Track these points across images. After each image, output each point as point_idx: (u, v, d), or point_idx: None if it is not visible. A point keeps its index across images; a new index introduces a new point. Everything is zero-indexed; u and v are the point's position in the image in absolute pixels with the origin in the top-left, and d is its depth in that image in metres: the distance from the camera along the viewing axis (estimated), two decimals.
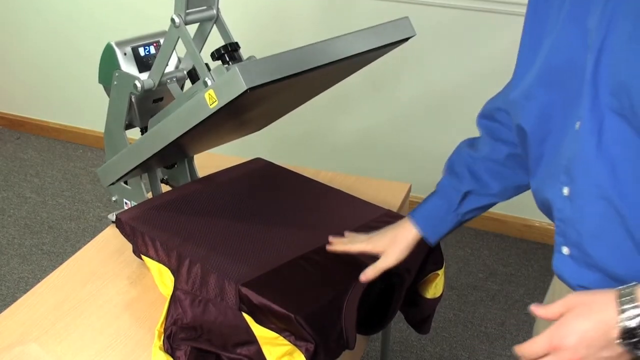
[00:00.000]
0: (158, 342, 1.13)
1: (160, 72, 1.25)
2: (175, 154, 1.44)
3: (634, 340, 0.70)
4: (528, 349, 0.76)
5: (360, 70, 1.37)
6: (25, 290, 1.29)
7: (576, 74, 0.82)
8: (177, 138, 1.16)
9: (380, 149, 2.75)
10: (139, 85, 1.25)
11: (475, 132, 1.24)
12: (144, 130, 1.37)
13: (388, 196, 1.54)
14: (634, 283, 0.73)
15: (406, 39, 1.28)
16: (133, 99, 1.30)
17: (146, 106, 1.34)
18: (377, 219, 1.30)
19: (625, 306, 0.71)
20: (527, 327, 2.19)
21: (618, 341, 0.71)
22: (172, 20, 1.18)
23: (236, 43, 1.24)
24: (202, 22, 1.27)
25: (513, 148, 1.09)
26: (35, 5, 3.15)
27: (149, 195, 1.45)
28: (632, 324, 0.70)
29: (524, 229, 2.69)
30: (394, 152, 2.73)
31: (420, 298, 1.35)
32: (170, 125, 1.16)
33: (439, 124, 2.63)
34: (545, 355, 0.75)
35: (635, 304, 0.70)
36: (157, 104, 1.36)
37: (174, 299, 1.17)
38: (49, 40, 3.20)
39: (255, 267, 1.14)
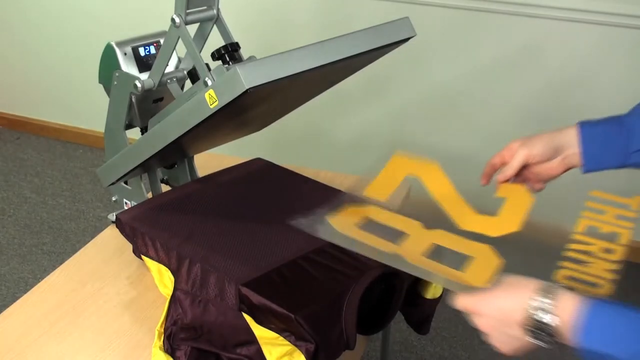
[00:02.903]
0: (158, 342, 1.13)
1: (160, 72, 1.25)
2: (175, 154, 1.44)
3: (533, 329, 0.77)
4: (461, 301, 0.85)
5: (360, 70, 1.37)
6: (25, 290, 1.29)
7: None
8: (177, 138, 1.16)
9: (380, 149, 2.75)
10: (139, 85, 1.25)
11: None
12: (144, 130, 1.37)
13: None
14: (561, 285, 0.79)
15: (406, 39, 1.28)
16: (133, 99, 1.30)
17: (146, 106, 1.34)
18: None
19: (537, 297, 0.77)
20: None
21: (521, 325, 0.78)
22: (173, 20, 1.18)
23: (236, 43, 1.24)
24: (203, 22, 1.27)
25: None
26: (34, 5, 3.15)
27: (149, 195, 1.45)
28: (535, 314, 0.77)
29: None
30: (394, 152, 2.73)
31: (420, 298, 1.35)
32: (170, 125, 1.16)
33: (439, 124, 2.63)
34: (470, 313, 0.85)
35: (546, 300, 0.76)
36: (157, 104, 1.35)
37: (174, 299, 1.17)
38: (49, 40, 3.20)
39: (255, 267, 1.14)
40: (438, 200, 1.14)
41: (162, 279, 1.23)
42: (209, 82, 1.09)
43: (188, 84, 1.34)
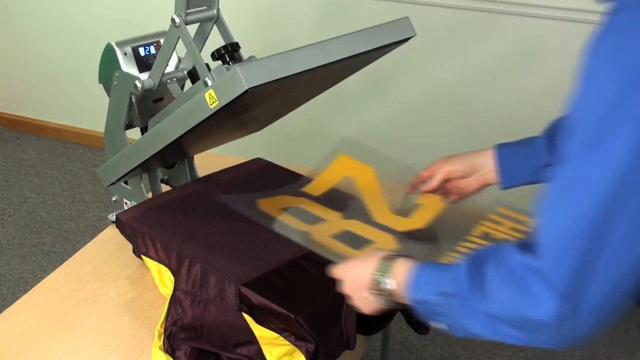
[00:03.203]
0: (158, 342, 1.13)
1: (160, 72, 1.25)
2: (175, 154, 1.44)
3: (376, 291, 0.90)
4: (333, 270, 0.99)
5: (360, 70, 1.37)
6: (25, 290, 1.29)
7: None
8: (177, 138, 1.16)
9: (380, 150, 2.75)
10: (139, 85, 1.25)
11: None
12: (144, 130, 1.37)
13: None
14: (402, 255, 0.91)
15: (406, 39, 1.28)
16: (133, 99, 1.30)
17: (146, 106, 1.34)
18: None
19: (380, 264, 0.90)
20: None
21: (368, 288, 0.91)
22: (173, 20, 1.18)
23: (236, 43, 1.24)
24: (203, 22, 1.27)
25: None
26: (34, 5, 3.15)
27: (149, 195, 1.45)
28: (376, 278, 0.90)
29: None
30: (393, 152, 2.73)
31: None
32: (170, 125, 1.16)
33: (439, 124, 2.63)
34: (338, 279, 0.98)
35: (385, 265, 0.90)
36: (157, 104, 1.36)
37: (174, 299, 1.17)
38: (48, 40, 3.20)
39: (255, 267, 1.14)
40: (364, 198, 1.29)
41: (162, 279, 1.23)
42: (209, 82, 1.09)
43: (188, 84, 1.34)
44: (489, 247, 0.82)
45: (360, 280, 0.92)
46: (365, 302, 0.94)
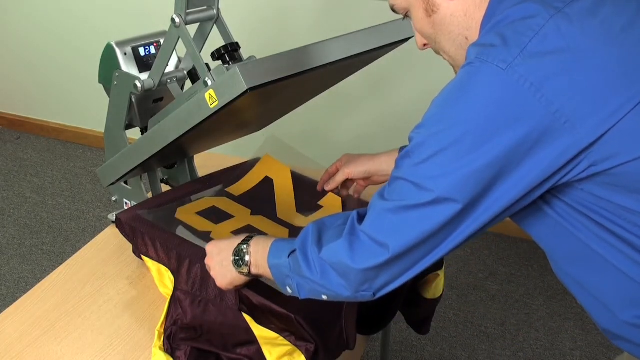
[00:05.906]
0: (158, 342, 1.13)
1: (160, 72, 1.25)
2: (175, 154, 1.44)
3: (237, 258, 1.05)
4: (207, 245, 1.13)
5: (361, 71, 1.37)
6: (25, 290, 1.29)
7: None
8: (178, 138, 1.16)
9: (380, 149, 2.75)
10: (139, 85, 1.25)
11: None
12: (144, 130, 1.37)
13: None
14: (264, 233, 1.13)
15: (406, 40, 1.28)
16: (133, 99, 1.30)
17: (146, 106, 1.34)
18: None
19: (248, 236, 1.07)
20: (527, 327, 2.19)
21: (230, 255, 1.06)
22: (173, 20, 1.18)
23: (236, 43, 1.24)
24: (203, 22, 1.27)
25: None
26: (34, 5, 3.15)
27: (149, 195, 1.45)
28: (239, 246, 1.05)
29: None
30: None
31: (420, 298, 1.36)
32: (170, 125, 1.16)
33: None
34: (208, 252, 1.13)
35: (251, 236, 1.06)
36: (157, 104, 1.36)
37: (174, 299, 1.17)
38: (49, 40, 3.20)
39: None
40: (276, 195, 1.41)
41: (162, 279, 1.23)
42: (209, 82, 1.09)
43: (188, 84, 1.34)
44: (333, 215, 1.01)
45: (226, 250, 1.07)
46: (223, 271, 1.07)
